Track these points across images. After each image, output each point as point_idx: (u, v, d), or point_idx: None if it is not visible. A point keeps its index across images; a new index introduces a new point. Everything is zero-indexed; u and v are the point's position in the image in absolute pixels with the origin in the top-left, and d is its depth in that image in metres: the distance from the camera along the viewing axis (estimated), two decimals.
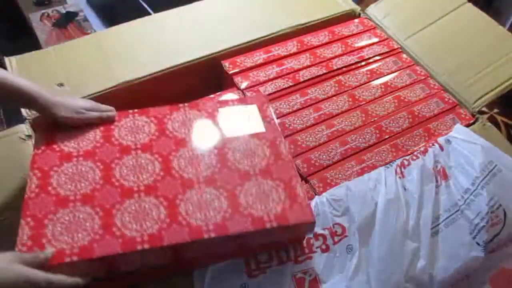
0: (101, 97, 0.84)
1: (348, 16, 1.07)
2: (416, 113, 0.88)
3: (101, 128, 0.69)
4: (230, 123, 0.73)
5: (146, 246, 0.56)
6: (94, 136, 0.67)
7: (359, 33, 1.03)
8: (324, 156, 0.80)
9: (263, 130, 0.72)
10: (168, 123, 0.71)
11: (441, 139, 0.81)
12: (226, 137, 0.70)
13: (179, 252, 0.60)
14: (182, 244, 0.57)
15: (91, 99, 0.83)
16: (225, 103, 0.76)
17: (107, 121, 0.69)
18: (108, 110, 0.71)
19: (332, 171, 0.78)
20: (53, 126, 0.67)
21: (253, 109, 0.75)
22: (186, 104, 0.74)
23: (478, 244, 0.70)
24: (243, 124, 0.73)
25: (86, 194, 0.61)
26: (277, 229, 0.61)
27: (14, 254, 0.54)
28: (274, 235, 0.63)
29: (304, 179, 0.78)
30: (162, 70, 0.89)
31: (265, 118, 0.74)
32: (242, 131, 0.72)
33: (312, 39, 0.99)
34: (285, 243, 0.67)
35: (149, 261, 0.60)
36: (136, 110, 0.72)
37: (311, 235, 0.69)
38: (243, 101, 0.78)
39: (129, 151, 0.66)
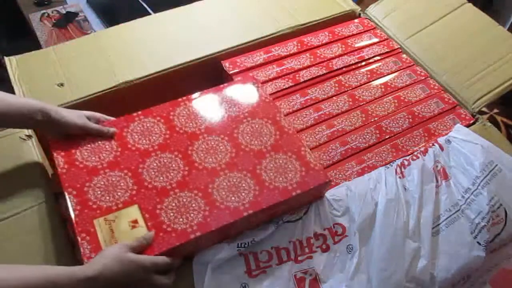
0: (101, 97, 0.84)
1: (348, 16, 1.07)
2: (416, 113, 0.88)
3: (114, 137, 0.71)
4: (231, 108, 0.77)
5: (198, 234, 0.62)
6: (110, 146, 0.70)
7: (359, 33, 1.03)
8: (324, 156, 0.80)
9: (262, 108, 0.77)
10: (174, 120, 0.74)
11: (441, 139, 0.81)
12: (231, 122, 0.75)
13: (224, 230, 0.65)
14: (227, 224, 0.63)
15: (91, 99, 0.83)
16: (219, 90, 0.80)
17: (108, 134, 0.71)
18: (102, 116, 0.73)
19: (332, 171, 0.78)
20: (68, 143, 0.69)
21: (249, 88, 0.80)
22: (184, 98, 0.78)
23: (479, 243, 0.70)
24: (243, 106, 0.77)
25: (126, 201, 0.64)
26: (300, 195, 0.68)
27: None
28: (297, 200, 0.70)
29: None
30: (162, 70, 0.89)
31: (260, 97, 0.79)
32: (244, 113, 0.76)
33: (312, 39, 0.99)
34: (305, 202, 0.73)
35: (200, 245, 0.66)
36: (139, 112, 0.74)
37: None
38: (235, 84, 0.81)
39: (149, 153, 0.70)
